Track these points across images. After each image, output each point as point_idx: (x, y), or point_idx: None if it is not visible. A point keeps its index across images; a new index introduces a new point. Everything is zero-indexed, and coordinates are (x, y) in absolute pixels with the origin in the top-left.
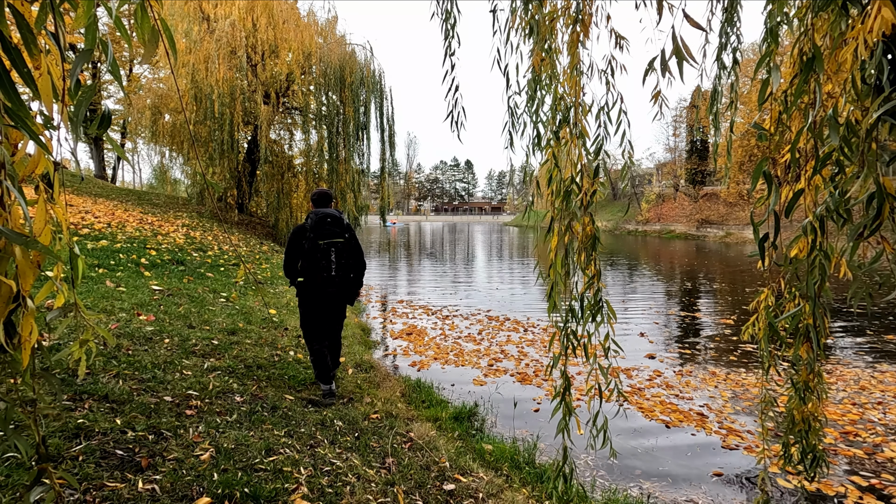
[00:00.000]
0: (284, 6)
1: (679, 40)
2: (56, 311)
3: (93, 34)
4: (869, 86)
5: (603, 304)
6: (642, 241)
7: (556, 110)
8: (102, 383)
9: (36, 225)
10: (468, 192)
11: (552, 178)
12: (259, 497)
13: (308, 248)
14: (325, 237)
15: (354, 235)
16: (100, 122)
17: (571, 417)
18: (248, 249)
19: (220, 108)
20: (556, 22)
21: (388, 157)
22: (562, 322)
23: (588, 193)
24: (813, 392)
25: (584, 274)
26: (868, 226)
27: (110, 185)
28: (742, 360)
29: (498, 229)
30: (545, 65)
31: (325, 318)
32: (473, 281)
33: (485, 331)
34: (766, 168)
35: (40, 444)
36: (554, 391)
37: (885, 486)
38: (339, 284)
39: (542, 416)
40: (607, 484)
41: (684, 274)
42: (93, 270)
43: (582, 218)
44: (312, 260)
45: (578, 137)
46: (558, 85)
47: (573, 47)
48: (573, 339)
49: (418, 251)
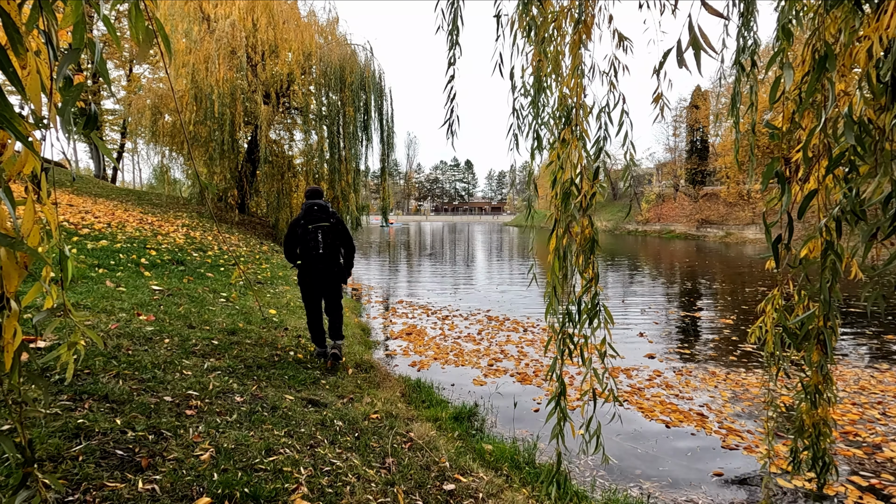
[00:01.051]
0: (284, 6)
1: (697, 29)
2: (44, 313)
3: (81, 33)
4: (884, 84)
5: (600, 307)
6: (642, 240)
7: (558, 112)
8: (102, 383)
9: (24, 226)
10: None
11: (556, 179)
12: (259, 497)
13: (300, 232)
14: (312, 222)
15: (341, 221)
16: (86, 122)
17: (566, 423)
18: (248, 249)
19: (221, 109)
20: (560, 21)
21: (389, 157)
22: (559, 325)
23: (587, 195)
24: (823, 396)
25: (581, 277)
26: (883, 228)
27: (110, 185)
28: (742, 360)
29: (498, 229)
30: (545, 66)
31: (318, 290)
32: (473, 281)
33: (484, 331)
34: (779, 168)
35: (26, 447)
36: (551, 394)
37: (885, 486)
38: (327, 260)
39: (542, 416)
40: (607, 484)
41: (684, 274)
42: (93, 270)
43: (581, 220)
44: (304, 241)
45: (579, 139)
46: (561, 87)
47: (575, 49)
48: (570, 342)
49: (418, 251)
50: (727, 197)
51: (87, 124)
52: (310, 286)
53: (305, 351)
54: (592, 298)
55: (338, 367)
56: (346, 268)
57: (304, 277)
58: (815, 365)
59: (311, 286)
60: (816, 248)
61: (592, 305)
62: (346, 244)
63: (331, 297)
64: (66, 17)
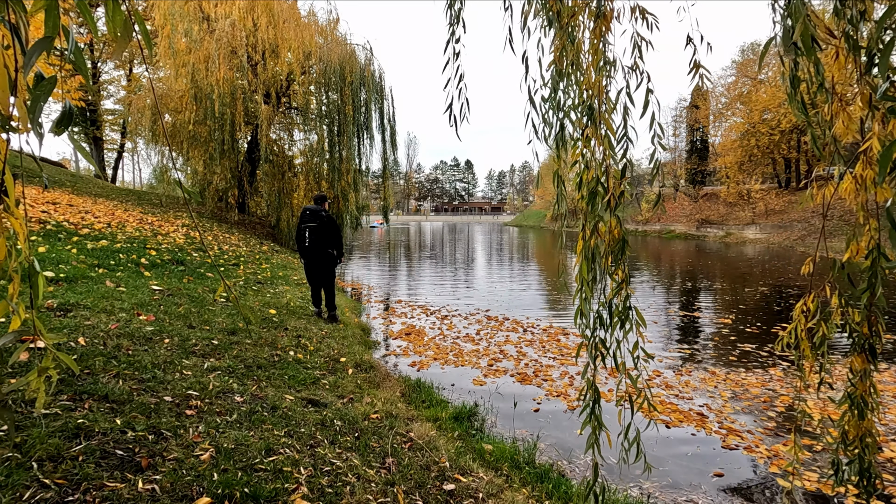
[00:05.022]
0: (284, 6)
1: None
2: (10, 335)
3: (54, 20)
4: None
5: (632, 310)
6: (642, 240)
7: (580, 106)
8: (102, 383)
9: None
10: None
11: (582, 180)
12: (259, 497)
13: (298, 230)
14: (304, 222)
15: (330, 220)
16: (59, 120)
17: (602, 432)
18: (248, 249)
19: (221, 108)
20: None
21: (390, 156)
22: (589, 330)
23: (616, 194)
24: (868, 406)
25: (611, 279)
26: None
27: (110, 185)
28: (742, 359)
29: (498, 229)
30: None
31: (311, 271)
32: (472, 281)
33: (483, 331)
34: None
35: None
36: (581, 403)
37: (885, 487)
38: (313, 251)
39: (542, 416)
40: (607, 484)
41: (684, 274)
42: (93, 270)
43: (609, 220)
44: (299, 237)
45: (604, 137)
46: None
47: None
48: (602, 347)
49: (418, 251)
50: (727, 197)
51: (59, 123)
52: (306, 268)
53: (305, 351)
54: (624, 301)
55: (336, 326)
56: (336, 255)
57: (304, 260)
58: (859, 373)
59: (306, 268)
60: (861, 250)
61: (624, 308)
62: (332, 238)
63: (322, 277)
64: (37, 2)
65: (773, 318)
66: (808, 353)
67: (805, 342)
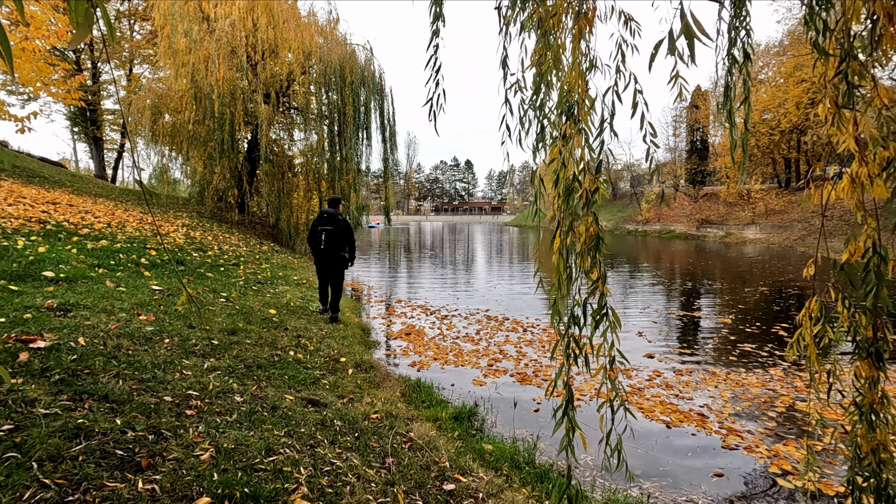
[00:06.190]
0: (284, 6)
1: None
2: None
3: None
4: None
5: (608, 310)
6: (642, 240)
7: (560, 106)
8: (102, 383)
9: None
10: (468, 192)
11: (559, 178)
12: (259, 497)
13: (312, 231)
14: (321, 224)
15: (346, 225)
16: None
17: (576, 434)
18: (247, 249)
19: (221, 108)
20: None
21: (390, 156)
22: (564, 329)
23: (590, 191)
24: (880, 416)
25: (587, 277)
26: None
27: (110, 185)
28: (742, 359)
29: (498, 229)
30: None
31: (323, 272)
32: (472, 281)
33: (483, 331)
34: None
35: None
36: (557, 404)
37: None
38: (328, 253)
39: (542, 415)
40: (607, 484)
41: (684, 274)
42: (93, 270)
43: (584, 217)
44: (315, 239)
45: (580, 133)
46: (563, 76)
47: (576, 40)
48: (576, 346)
49: (418, 251)
50: (727, 197)
51: None
52: (318, 269)
53: (305, 351)
54: (599, 300)
55: (336, 326)
56: (349, 258)
57: (316, 263)
58: (867, 381)
59: (319, 269)
60: (859, 250)
61: (599, 308)
62: (348, 242)
63: (333, 278)
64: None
65: (773, 318)
66: (814, 360)
67: (812, 347)
